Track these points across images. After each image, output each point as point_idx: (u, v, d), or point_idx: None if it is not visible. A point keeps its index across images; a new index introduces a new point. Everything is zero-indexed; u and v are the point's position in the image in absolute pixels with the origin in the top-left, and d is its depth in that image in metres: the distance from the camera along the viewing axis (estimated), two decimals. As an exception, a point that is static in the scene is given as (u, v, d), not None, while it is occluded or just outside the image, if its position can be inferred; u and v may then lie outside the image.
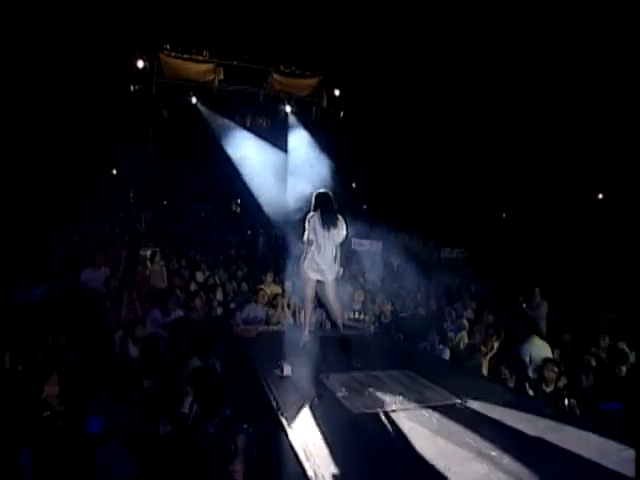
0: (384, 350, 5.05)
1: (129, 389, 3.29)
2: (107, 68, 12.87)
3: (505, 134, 15.76)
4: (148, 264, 8.09)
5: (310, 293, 4.93)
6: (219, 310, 6.75)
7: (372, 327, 6.48)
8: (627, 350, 6.44)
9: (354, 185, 19.70)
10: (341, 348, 5.00)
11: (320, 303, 6.74)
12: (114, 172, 17.00)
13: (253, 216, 14.72)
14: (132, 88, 13.94)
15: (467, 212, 17.70)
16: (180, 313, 5.56)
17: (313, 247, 4.71)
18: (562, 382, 5.04)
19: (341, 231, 4.82)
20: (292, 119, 16.48)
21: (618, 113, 12.78)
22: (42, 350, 4.56)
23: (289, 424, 3.07)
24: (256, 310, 6.61)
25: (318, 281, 4.90)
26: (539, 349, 5.54)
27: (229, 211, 15.69)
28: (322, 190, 4.92)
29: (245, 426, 3.08)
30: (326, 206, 4.78)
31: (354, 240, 11.71)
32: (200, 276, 9.06)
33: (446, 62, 15.73)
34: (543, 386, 4.96)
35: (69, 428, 2.93)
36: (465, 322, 6.63)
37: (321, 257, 4.72)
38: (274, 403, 3.40)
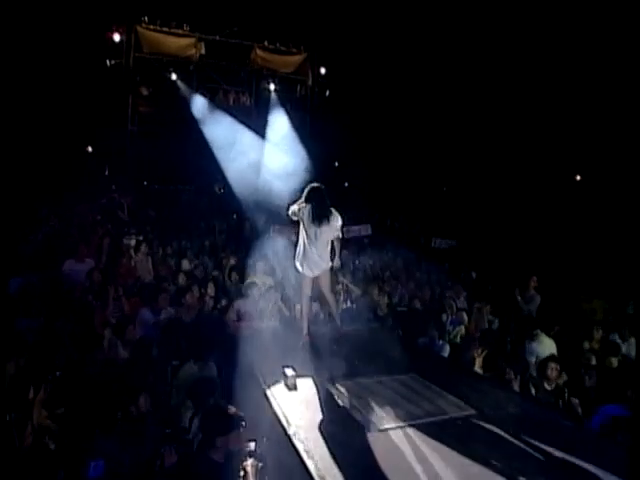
0: (386, 349, 4.91)
1: (126, 414, 3.04)
2: (81, 41, 12.02)
3: (484, 113, 15.47)
4: (132, 254, 7.72)
5: (306, 291, 4.82)
6: (211, 303, 6.48)
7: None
8: (619, 341, 6.53)
9: (336, 164, 19.36)
10: (341, 348, 4.87)
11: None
12: (89, 150, 16.17)
13: (238, 199, 14.31)
14: (108, 63, 13.12)
15: (450, 195, 17.60)
16: (171, 311, 5.28)
17: (304, 242, 4.60)
18: (562, 379, 5.03)
19: (335, 225, 4.70)
20: (275, 97, 15.93)
21: (596, 93, 12.60)
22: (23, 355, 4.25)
23: (302, 445, 2.89)
24: (248, 304, 6.38)
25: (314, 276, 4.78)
26: (546, 346, 5.51)
27: (212, 193, 15.18)
28: (315, 184, 4.70)
29: (253, 448, 2.89)
30: (318, 201, 4.60)
31: (344, 228, 11.47)
32: (186, 264, 8.75)
33: (435, 41, 15.34)
34: (545, 384, 4.94)
35: (67, 477, 2.67)
36: (464, 315, 6.56)
37: (313, 252, 4.60)
38: (283, 419, 3.21)
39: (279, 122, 15.22)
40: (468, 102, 16.10)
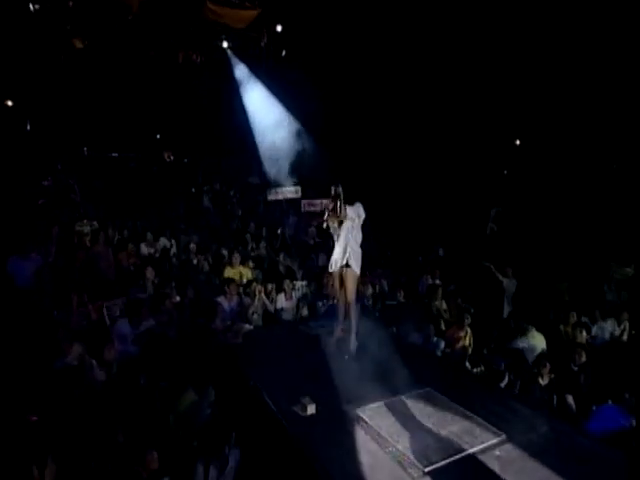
0: (391, 354, 4.69)
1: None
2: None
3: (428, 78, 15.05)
4: (87, 243, 6.81)
5: (336, 285, 4.85)
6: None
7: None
8: (589, 324, 6.81)
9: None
10: (350, 356, 4.64)
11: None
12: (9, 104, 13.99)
13: (193, 167, 13.28)
14: (32, 8, 11.12)
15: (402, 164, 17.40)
16: (151, 322, 4.67)
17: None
18: (552, 374, 5.11)
19: (355, 218, 4.69)
20: (230, 54, 14.62)
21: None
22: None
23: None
24: (227, 303, 5.89)
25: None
26: (537, 341, 5.57)
27: (162, 161, 13.90)
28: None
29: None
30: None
31: (303, 202, 10.99)
32: (145, 248, 7.97)
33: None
34: (539, 380, 5.02)
35: None
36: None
37: (338, 248, 4.72)
38: (318, 467, 2.89)
39: (237, 80, 14.02)
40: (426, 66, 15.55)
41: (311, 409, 3.49)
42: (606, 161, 10.75)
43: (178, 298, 5.43)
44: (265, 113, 13.56)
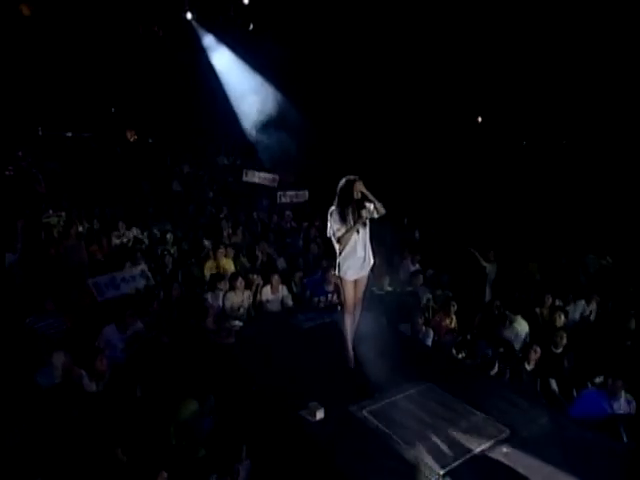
0: (386, 348, 4.72)
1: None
2: None
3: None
4: (55, 234, 6.36)
5: (350, 297, 4.23)
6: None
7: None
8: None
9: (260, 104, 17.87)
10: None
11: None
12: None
13: (160, 148, 12.65)
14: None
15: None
16: (139, 325, 4.44)
17: (347, 246, 4.06)
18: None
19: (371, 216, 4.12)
20: (195, 26, 13.82)
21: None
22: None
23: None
24: (215, 299, 5.72)
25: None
26: (522, 327, 5.76)
27: (125, 142, 13.15)
28: (343, 180, 4.08)
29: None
30: (345, 197, 4.03)
31: (278, 193, 10.74)
32: (116, 239, 7.58)
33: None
34: (525, 365, 5.22)
35: None
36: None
37: (357, 254, 4.12)
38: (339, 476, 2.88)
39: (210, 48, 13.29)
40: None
41: (320, 414, 3.46)
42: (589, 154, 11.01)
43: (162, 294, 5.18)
44: (237, 83, 12.97)
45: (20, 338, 4.26)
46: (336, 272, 4.21)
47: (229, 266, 6.53)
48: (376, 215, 4.03)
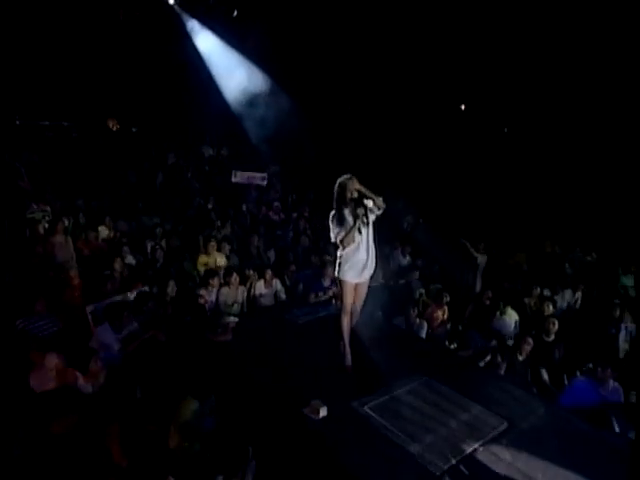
0: (383, 342, 4.78)
1: None
2: None
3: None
4: (42, 231, 6.18)
5: (349, 301, 4.13)
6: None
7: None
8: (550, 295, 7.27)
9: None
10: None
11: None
12: None
13: (144, 138, 12.30)
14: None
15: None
16: (134, 325, 4.37)
17: (349, 248, 3.93)
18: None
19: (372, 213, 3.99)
20: (178, 10, 13.40)
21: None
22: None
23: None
24: (209, 296, 5.66)
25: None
26: (514, 318, 5.87)
27: (107, 131, 12.77)
28: (339, 179, 3.97)
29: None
30: (340, 199, 3.93)
31: (233, 171, 10.44)
32: (105, 231, 7.41)
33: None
34: (517, 355, 5.32)
35: None
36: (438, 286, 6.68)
37: (360, 255, 3.98)
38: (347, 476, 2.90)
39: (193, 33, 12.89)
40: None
41: (323, 412, 3.48)
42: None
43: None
44: (223, 67, 12.60)
45: (11, 341, 4.14)
46: (336, 274, 4.09)
47: (221, 260, 6.46)
48: (377, 211, 3.92)
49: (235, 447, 3.04)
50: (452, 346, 5.81)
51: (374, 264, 4.09)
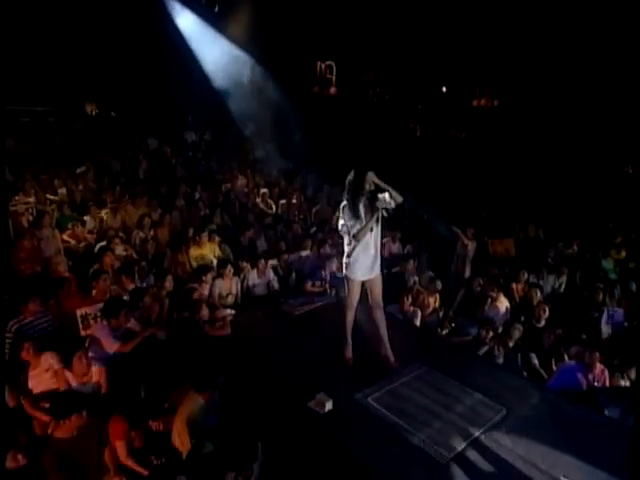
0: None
1: None
2: None
3: None
4: (24, 223, 5.98)
5: (355, 297, 4.08)
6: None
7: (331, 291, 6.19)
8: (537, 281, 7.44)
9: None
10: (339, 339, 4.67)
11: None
12: None
13: (124, 122, 11.91)
14: None
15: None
16: (132, 321, 4.31)
17: (359, 244, 3.85)
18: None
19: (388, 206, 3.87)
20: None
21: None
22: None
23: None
24: (203, 289, 5.60)
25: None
26: (504, 305, 6.01)
27: (85, 116, 12.33)
28: (352, 172, 3.87)
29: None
30: (356, 189, 3.80)
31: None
32: (91, 222, 7.23)
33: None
34: (507, 341, 5.48)
35: None
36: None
37: (369, 252, 3.91)
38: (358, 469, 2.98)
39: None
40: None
41: (329, 405, 3.54)
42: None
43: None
44: (205, 47, 12.22)
45: (5, 342, 4.04)
46: (344, 271, 4.01)
47: (216, 251, 6.39)
48: (393, 205, 3.78)
49: (245, 444, 3.06)
50: (444, 332, 5.95)
51: (379, 259, 4.05)
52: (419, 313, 5.86)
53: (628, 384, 4.71)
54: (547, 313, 5.74)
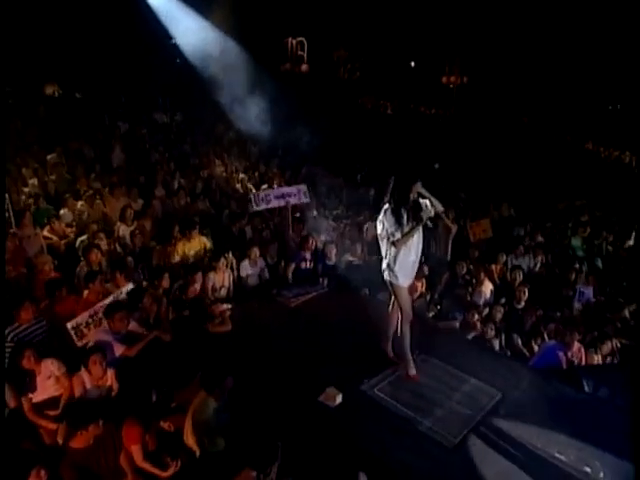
0: (375, 320, 5.00)
1: None
2: None
3: None
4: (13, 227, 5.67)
5: (408, 303, 4.12)
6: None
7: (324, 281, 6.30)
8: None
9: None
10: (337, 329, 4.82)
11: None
12: None
13: (91, 104, 11.30)
14: None
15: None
16: (132, 323, 4.28)
17: (401, 250, 3.87)
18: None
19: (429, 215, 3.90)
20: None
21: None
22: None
23: None
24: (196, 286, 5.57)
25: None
26: (489, 288, 6.28)
27: (48, 97, 11.62)
28: (397, 179, 3.93)
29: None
30: (401, 197, 3.82)
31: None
32: (68, 215, 6.96)
33: None
34: (490, 323, 5.77)
35: None
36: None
37: (411, 257, 3.96)
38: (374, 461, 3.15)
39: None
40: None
41: (339, 399, 3.69)
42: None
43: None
44: (173, 23, 11.64)
45: (4, 351, 3.94)
46: (386, 278, 4.02)
47: (205, 244, 6.32)
48: (433, 213, 3.87)
49: (264, 443, 3.17)
50: (431, 314, 6.20)
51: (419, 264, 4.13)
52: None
53: (600, 360, 5.09)
54: (527, 295, 6.06)
